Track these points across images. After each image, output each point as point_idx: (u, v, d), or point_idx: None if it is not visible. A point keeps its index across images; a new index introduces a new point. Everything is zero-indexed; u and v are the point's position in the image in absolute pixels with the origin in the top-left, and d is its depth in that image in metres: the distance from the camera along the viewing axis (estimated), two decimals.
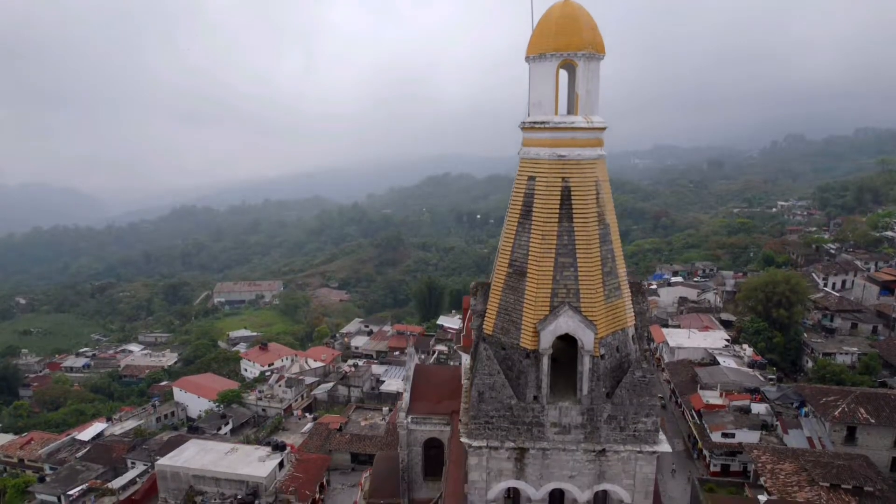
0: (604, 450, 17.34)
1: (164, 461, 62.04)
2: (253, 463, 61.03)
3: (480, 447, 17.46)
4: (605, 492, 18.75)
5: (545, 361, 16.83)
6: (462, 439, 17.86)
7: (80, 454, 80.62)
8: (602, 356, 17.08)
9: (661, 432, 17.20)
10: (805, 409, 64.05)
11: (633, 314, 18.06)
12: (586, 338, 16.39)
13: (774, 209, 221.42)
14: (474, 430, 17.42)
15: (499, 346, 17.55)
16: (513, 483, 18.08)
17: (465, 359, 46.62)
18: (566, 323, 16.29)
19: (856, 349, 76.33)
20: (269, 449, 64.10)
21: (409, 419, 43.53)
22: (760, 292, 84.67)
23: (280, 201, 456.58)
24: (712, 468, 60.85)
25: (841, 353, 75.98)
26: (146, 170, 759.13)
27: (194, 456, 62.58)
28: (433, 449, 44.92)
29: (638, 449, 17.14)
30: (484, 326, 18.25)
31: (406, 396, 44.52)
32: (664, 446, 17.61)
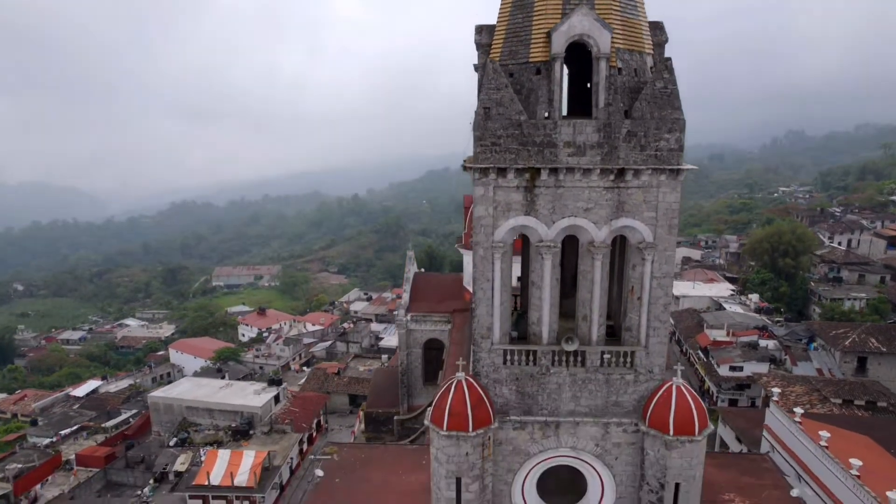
0: (622, 172, 15.93)
1: (156, 394, 60.83)
2: (248, 396, 59.71)
3: (486, 169, 16.06)
4: (623, 238, 17.35)
5: (557, 68, 15.48)
6: (466, 165, 16.54)
7: (74, 408, 79.21)
8: (619, 70, 15.79)
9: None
10: (814, 345, 62.68)
11: (651, 43, 16.77)
12: (602, 40, 15.06)
13: (776, 194, 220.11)
14: (480, 153, 16.03)
15: (507, 74, 16.23)
16: (522, 220, 16.68)
17: (467, 259, 45.38)
18: (580, 22, 14.93)
19: (864, 295, 74.93)
20: (264, 384, 62.83)
21: (409, 317, 42.25)
22: (766, 243, 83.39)
23: (280, 196, 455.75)
24: (720, 404, 59.33)
25: (849, 299, 74.57)
26: (147, 169, 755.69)
27: (188, 390, 61.31)
28: (433, 351, 43.54)
29: (660, 167, 15.75)
30: (490, 56, 16.88)
31: (406, 297, 43.29)
32: (689, 166, 16.30)
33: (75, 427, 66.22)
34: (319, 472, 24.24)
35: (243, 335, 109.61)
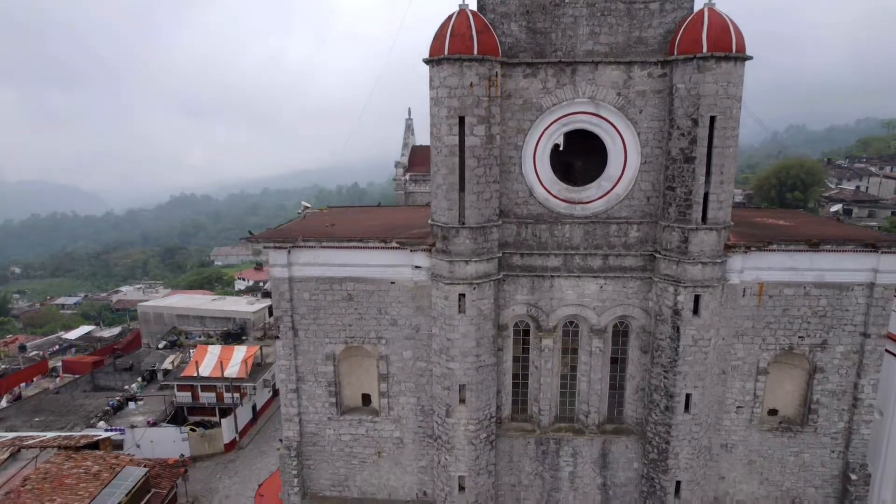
0: None
1: (146, 303, 58.84)
2: (241, 305, 57.89)
3: None
4: None
5: None
6: None
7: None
8: None
9: None
10: None
11: None
12: None
13: None
14: None
15: None
16: None
17: None
18: None
19: (875, 224, 73.07)
20: (258, 296, 61.03)
21: (408, 176, 40.38)
22: (773, 178, 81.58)
23: (280, 190, 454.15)
24: None
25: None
26: (147, 167, 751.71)
27: (179, 301, 59.43)
28: None
29: None
30: None
31: (404, 160, 41.50)
32: None
33: (65, 346, 64.57)
34: (306, 203, 22.37)
35: (240, 290, 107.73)
